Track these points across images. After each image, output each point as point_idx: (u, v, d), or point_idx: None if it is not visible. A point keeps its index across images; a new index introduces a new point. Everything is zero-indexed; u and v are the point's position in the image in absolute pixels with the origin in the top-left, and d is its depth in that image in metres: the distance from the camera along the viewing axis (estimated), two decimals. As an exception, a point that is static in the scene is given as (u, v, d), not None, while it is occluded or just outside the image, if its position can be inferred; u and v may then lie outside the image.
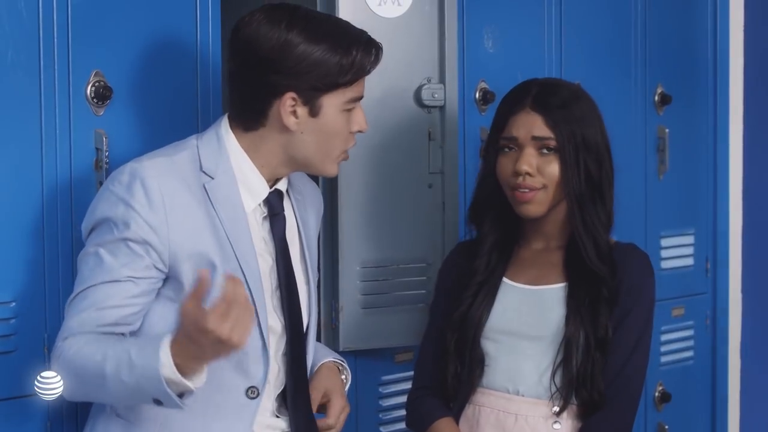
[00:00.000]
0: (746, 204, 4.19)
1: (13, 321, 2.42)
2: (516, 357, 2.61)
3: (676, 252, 3.97)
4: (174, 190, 2.26)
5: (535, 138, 2.58)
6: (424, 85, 3.00)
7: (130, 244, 2.22)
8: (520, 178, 2.59)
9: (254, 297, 2.31)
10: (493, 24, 3.33)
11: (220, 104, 2.72)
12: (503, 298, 2.65)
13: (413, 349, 3.14)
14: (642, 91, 3.79)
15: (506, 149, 2.62)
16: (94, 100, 2.51)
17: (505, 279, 2.67)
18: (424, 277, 3.05)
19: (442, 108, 3.03)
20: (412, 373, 2.85)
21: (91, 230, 2.28)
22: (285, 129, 2.31)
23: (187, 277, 2.26)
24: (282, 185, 2.43)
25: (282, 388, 2.43)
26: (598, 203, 2.60)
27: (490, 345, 2.63)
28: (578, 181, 2.58)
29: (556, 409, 2.58)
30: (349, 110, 2.34)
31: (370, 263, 2.97)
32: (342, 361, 2.60)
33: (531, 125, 2.59)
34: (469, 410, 2.65)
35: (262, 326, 2.33)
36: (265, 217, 2.40)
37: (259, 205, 2.39)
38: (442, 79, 3.03)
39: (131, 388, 2.15)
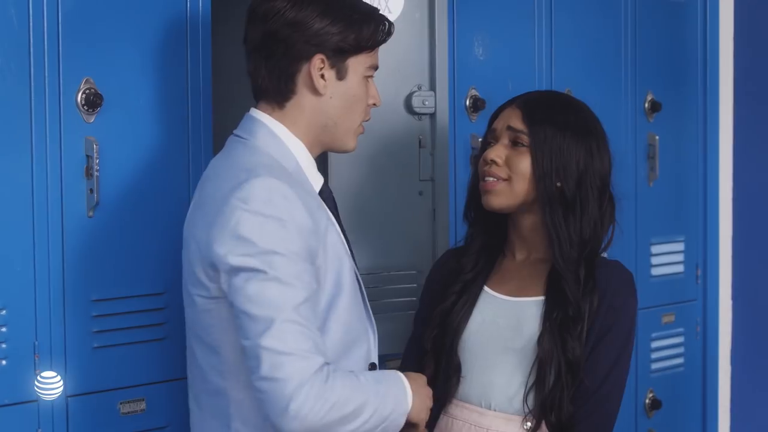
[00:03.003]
0: (736, 210, 4.20)
1: (3, 329, 2.41)
2: (489, 370, 2.58)
3: (666, 259, 3.98)
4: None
5: (509, 128, 2.57)
6: (415, 92, 3.01)
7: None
8: (487, 166, 2.58)
9: (360, 281, 2.41)
10: (484, 31, 3.33)
11: (211, 111, 2.72)
12: (482, 307, 2.63)
13: (404, 356, 3.15)
14: (632, 98, 3.80)
15: (489, 144, 2.62)
16: (85, 107, 2.51)
17: (486, 288, 2.65)
18: (415, 285, 3.04)
19: (432, 115, 3.04)
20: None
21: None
22: (315, 92, 2.34)
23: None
24: None
25: None
26: (570, 219, 2.56)
27: (466, 355, 2.61)
28: (550, 184, 2.55)
29: (529, 425, 2.53)
30: (367, 78, 2.40)
31: (361, 270, 2.94)
32: None
33: (509, 118, 2.59)
34: (442, 421, 2.62)
35: (367, 303, 2.42)
36: None
37: None
38: (432, 87, 3.03)
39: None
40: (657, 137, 3.88)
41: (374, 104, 2.45)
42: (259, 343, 2.12)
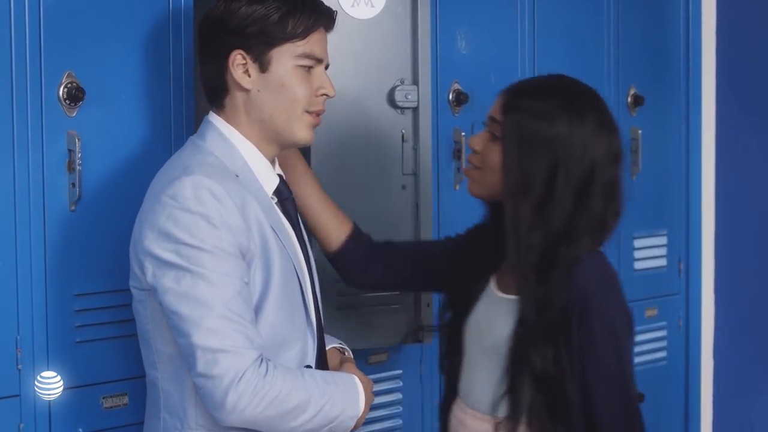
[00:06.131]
0: (718, 204, 4.21)
1: (-16, 323, 2.41)
2: (469, 367, 2.49)
3: (648, 253, 3.99)
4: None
5: (490, 118, 2.41)
6: (398, 86, 3.00)
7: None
8: (470, 153, 2.46)
9: (302, 284, 2.36)
10: (467, 25, 3.33)
11: (194, 106, 2.71)
12: (483, 300, 2.48)
13: (387, 350, 3.15)
14: (615, 93, 3.80)
15: None
16: (67, 101, 2.50)
17: (491, 281, 2.48)
18: (398, 279, 3.04)
19: (415, 109, 3.03)
20: (385, 374, 2.84)
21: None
22: (241, 88, 2.34)
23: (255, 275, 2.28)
24: (278, 170, 2.44)
25: None
26: (537, 211, 2.32)
27: (464, 349, 2.51)
28: (513, 176, 2.33)
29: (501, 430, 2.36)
30: (305, 68, 2.36)
31: (344, 264, 2.97)
32: (342, 344, 2.60)
33: (493, 106, 2.42)
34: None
35: (308, 306, 2.38)
36: (276, 203, 2.41)
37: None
38: (415, 81, 3.03)
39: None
40: (640, 131, 3.88)
41: (325, 94, 2.38)
42: (192, 342, 2.17)
